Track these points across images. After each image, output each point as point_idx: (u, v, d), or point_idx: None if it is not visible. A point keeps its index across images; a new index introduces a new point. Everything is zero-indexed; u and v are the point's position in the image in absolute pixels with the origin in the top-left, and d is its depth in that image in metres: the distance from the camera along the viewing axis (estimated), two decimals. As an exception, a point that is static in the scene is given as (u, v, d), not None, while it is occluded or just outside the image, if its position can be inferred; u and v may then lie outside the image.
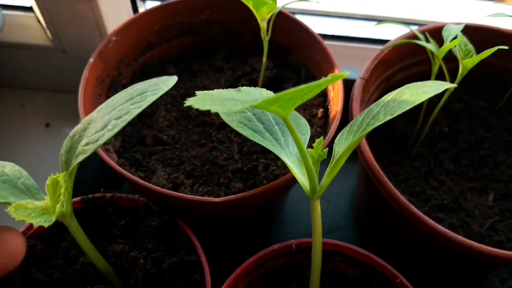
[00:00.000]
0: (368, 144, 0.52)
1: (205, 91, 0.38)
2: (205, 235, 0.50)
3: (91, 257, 0.43)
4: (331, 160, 0.40)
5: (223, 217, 0.54)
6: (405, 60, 0.62)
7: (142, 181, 0.48)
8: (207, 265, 0.47)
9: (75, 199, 0.50)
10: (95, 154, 0.59)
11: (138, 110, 0.39)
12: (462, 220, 0.54)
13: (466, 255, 0.47)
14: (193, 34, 0.67)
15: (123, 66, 0.62)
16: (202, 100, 0.34)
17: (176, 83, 0.61)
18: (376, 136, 0.61)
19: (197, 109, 0.61)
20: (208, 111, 0.61)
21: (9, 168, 0.39)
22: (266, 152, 0.57)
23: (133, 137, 0.59)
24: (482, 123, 0.62)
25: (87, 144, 0.38)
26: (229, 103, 0.33)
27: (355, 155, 0.66)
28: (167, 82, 0.42)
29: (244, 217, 0.58)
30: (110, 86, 0.60)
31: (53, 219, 0.35)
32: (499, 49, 0.51)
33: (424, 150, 0.60)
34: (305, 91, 0.31)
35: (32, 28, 0.79)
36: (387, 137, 0.62)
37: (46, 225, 0.35)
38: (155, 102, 0.61)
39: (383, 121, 0.38)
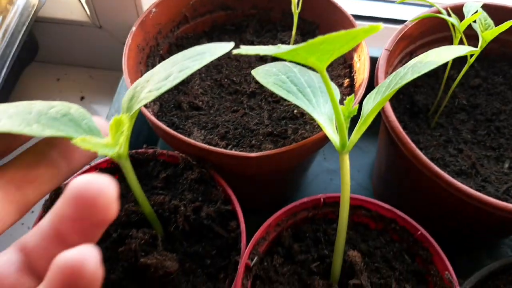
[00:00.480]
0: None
1: (249, 46, 0.41)
2: (237, 191, 0.54)
3: (139, 199, 0.47)
4: (360, 118, 0.44)
5: (254, 175, 0.58)
6: (427, 36, 0.66)
7: (183, 137, 0.52)
8: (242, 214, 0.51)
9: (119, 154, 0.55)
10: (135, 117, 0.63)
11: (198, 66, 0.42)
12: (479, 184, 0.58)
13: (484, 214, 0.51)
14: (225, 9, 0.71)
15: (160, 37, 0.66)
16: (248, 49, 0.38)
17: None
18: (398, 108, 0.65)
19: (229, 79, 0.65)
20: (240, 81, 0.65)
21: (74, 109, 0.42)
22: (294, 118, 0.61)
23: (170, 102, 0.63)
24: (499, 97, 0.66)
25: (149, 91, 0.42)
26: (274, 49, 0.37)
27: (375, 132, 0.70)
28: (225, 46, 0.45)
29: (273, 177, 0.62)
30: (148, 55, 0.65)
31: (116, 150, 0.39)
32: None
33: (444, 121, 0.64)
34: (342, 42, 0.34)
35: (71, 3, 0.83)
36: (409, 109, 0.65)
37: (110, 154, 0.39)
38: (190, 71, 0.65)
39: (410, 79, 0.41)
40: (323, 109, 0.48)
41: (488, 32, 0.54)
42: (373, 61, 0.60)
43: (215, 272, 0.50)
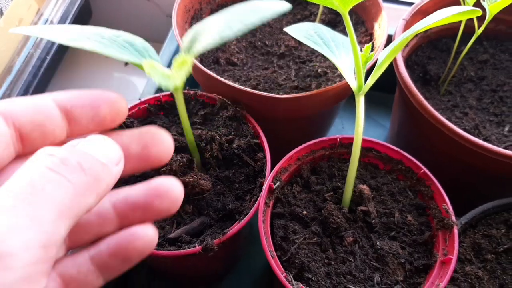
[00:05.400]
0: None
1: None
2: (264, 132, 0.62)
3: (184, 126, 0.54)
4: (376, 65, 0.51)
5: (281, 120, 0.66)
6: (442, 13, 0.73)
7: (223, 79, 0.60)
8: (268, 147, 0.59)
9: (165, 93, 0.63)
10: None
11: (258, 20, 0.42)
12: (480, 142, 0.64)
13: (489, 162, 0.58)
14: (262, -16, 0.80)
15: (204, 3, 0.75)
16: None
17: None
18: (412, 76, 0.72)
19: (262, 42, 0.74)
20: (271, 44, 0.73)
21: (139, 41, 0.47)
22: (318, 76, 0.68)
23: (209, 58, 0.71)
24: (504, 71, 0.72)
25: (213, 39, 0.42)
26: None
27: (391, 107, 0.78)
28: (284, 5, 0.45)
29: (296, 124, 0.70)
30: (193, 16, 0.74)
31: (177, 83, 0.46)
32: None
33: (452, 89, 0.71)
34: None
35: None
36: (422, 77, 0.72)
37: (170, 87, 0.47)
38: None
39: (420, 31, 0.48)
40: (345, 59, 0.55)
41: (495, 4, 0.62)
42: (389, 38, 0.68)
43: (242, 194, 0.58)
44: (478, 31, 0.65)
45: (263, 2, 0.45)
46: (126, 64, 0.99)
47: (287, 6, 0.43)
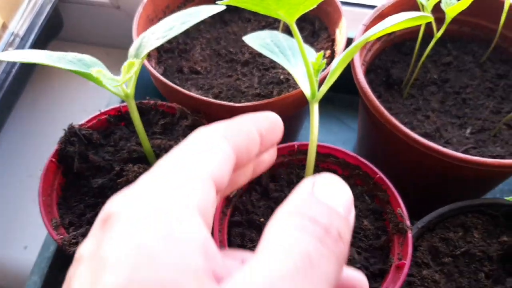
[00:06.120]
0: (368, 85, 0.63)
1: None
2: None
3: (140, 135, 0.55)
4: (329, 73, 0.51)
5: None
6: (404, 17, 0.74)
7: (181, 88, 0.61)
8: (226, 156, 0.59)
9: (125, 104, 0.64)
10: (142, 74, 0.72)
11: (196, 20, 0.51)
12: (441, 145, 0.64)
13: (445, 166, 0.58)
14: (227, -9, 0.80)
15: (168, 11, 0.76)
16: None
17: (210, 29, 0.75)
18: (376, 81, 0.73)
19: (226, 49, 0.74)
20: (236, 51, 0.73)
21: (87, 57, 0.52)
22: (280, 83, 0.69)
23: (173, 67, 0.72)
24: (468, 73, 0.73)
25: (157, 39, 0.50)
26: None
27: (356, 110, 0.78)
28: (218, 7, 0.53)
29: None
30: (157, 26, 0.74)
31: (127, 89, 0.48)
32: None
33: (415, 93, 0.71)
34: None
35: (94, -14, 0.94)
36: (385, 81, 0.73)
37: (118, 91, 0.48)
38: (192, 42, 0.74)
39: (374, 38, 0.49)
40: (300, 67, 0.56)
41: (451, 8, 0.62)
42: (350, 41, 0.68)
43: (201, 203, 0.58)
44: (437, 35, 0.65)
45: (199, 7, 0.53)
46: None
47: (222, 7, 0.49)
